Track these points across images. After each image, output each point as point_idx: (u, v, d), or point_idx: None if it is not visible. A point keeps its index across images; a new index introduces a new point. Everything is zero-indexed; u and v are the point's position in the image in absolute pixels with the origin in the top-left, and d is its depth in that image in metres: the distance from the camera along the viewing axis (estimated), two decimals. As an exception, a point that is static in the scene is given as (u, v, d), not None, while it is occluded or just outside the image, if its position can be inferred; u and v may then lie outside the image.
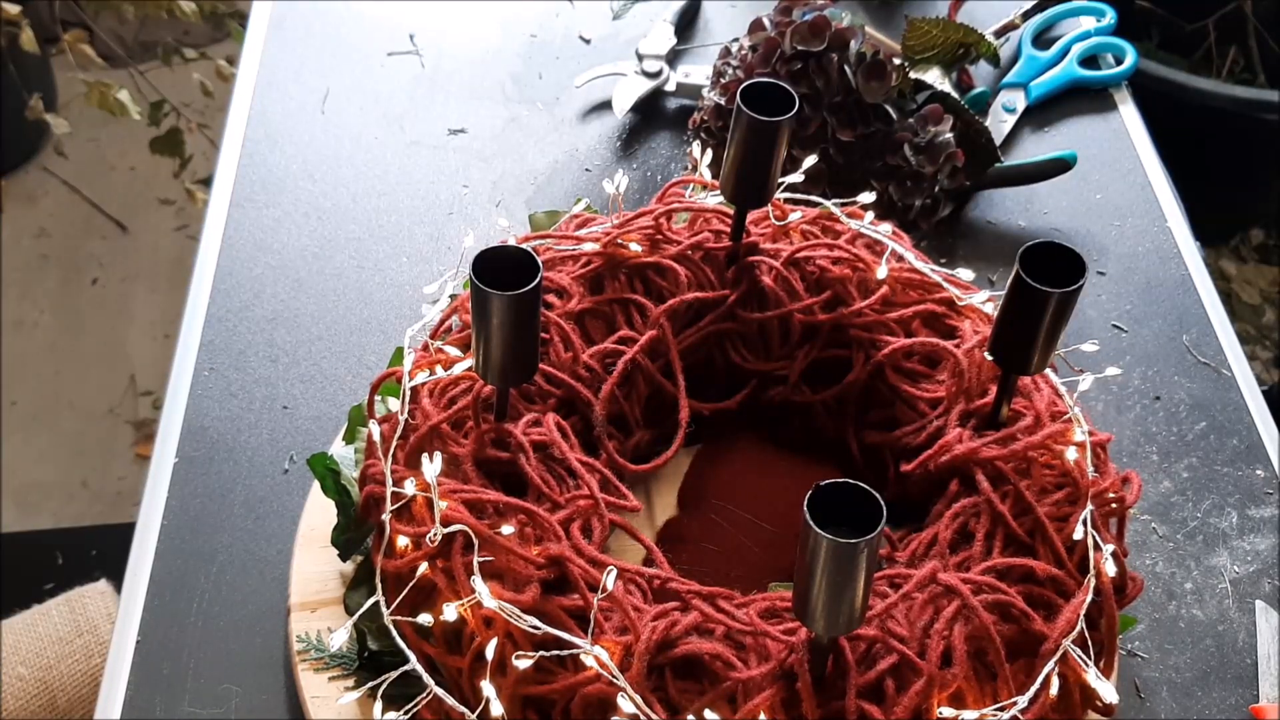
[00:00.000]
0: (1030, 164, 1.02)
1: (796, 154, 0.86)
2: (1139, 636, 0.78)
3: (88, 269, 2.12)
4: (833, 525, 0.54)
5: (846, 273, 0.79)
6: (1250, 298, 2.02)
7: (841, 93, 0.93)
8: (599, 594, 0.63)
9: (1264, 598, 0.81)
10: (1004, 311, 0.69)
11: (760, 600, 0.66)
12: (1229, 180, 1.92)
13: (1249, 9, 1.86)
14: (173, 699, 0.72)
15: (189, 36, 2.14)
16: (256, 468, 0.83)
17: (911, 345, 0.77)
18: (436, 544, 0.65)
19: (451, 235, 0.98)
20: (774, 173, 0.75)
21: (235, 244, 0.96)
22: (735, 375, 0.81)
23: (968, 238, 1.00)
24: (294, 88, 1.09)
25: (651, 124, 1.08)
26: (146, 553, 0.78)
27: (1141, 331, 0.95)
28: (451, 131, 1.07)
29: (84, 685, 1.23)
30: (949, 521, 0.70)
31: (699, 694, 0.62)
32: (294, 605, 0.74)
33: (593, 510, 0.68)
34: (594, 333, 0.77)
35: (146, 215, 2.20)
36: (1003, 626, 0.64)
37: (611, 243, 0.78)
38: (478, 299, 0.64)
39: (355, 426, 0.78)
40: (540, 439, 0.70)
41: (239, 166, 1.02)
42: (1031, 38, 1.14)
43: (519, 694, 0.63)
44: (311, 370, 0.89)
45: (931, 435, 0.74)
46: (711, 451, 0.81)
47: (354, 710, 0.69)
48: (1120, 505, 0.71)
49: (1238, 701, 0.76)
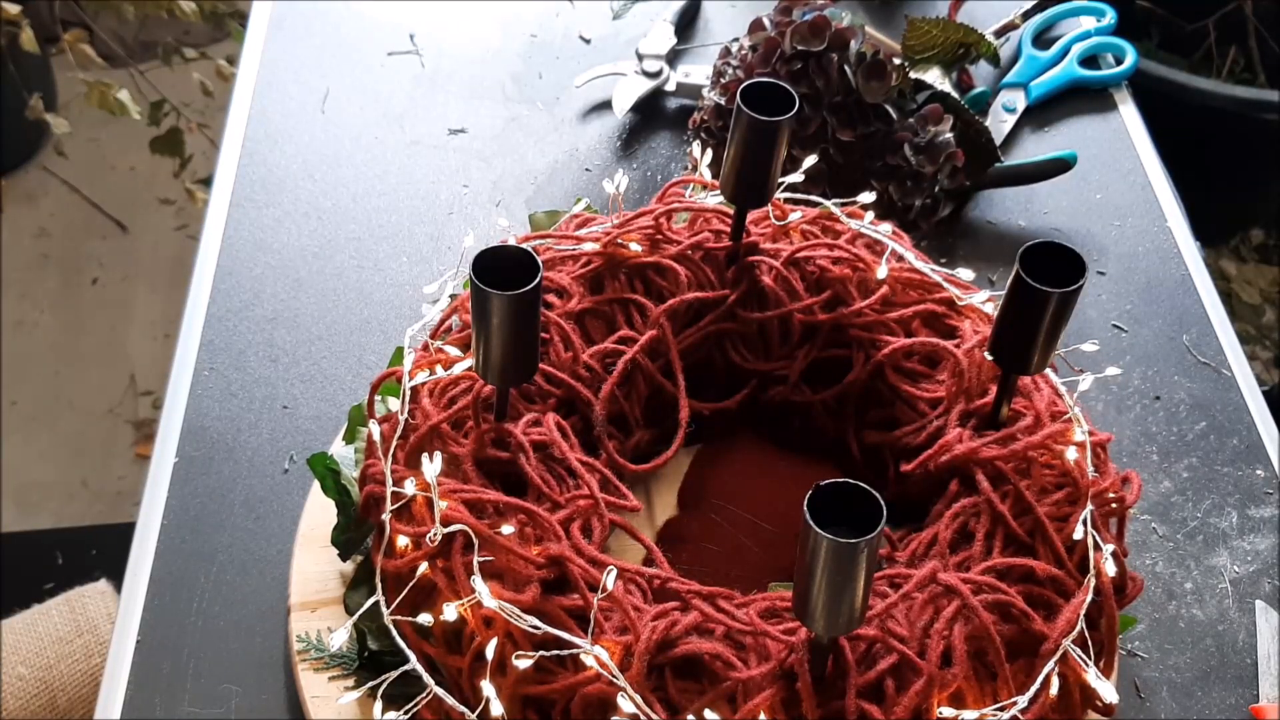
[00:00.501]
0: (1030, 164, 1.02)
1: (796, 154, 0.86)
2: (1139, 636, 0.78)
3: (88, 269, 2.12)
4: (833, 525, 0.54)
5: (846, 273, 0.79)
6: (1250, 298, 2.02)
7: (841, 93, 0.93)
8: (599, 594, 0.63)
9: (1264, 598, 0.81)
10: (1004, 311, 0.69)
11: (760, 600, 0.66)
12: (1229, 180, 1.92)
13: (1249, 9, 1.86)
14: (173, 699, 0.72)
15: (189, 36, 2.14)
16: (256, 468, 0.83)
17: (911, 345, 0.77)
18: (436, 544, 0.65)
19: (451, 235, 0.98)
20: (774, 173, 0.75)
21: (235, 244, 0.96)
22: (735, 375, 0.81)
23: (968, 238, 1.00)
24: (294, 88, 1.09)
25: (651, 124, 1.08)
26: (146, 553, 0.78)
27: (1141, 331, 0.95)
28: (451, 131, 1.07)
29: (84, 685, 1.23)
30: (949, 521, 0.70)
31: (699, 694, 0.62)
32: (294, 605, 0.74)
33: (593, 510, 0.68)
34: (594, 333, 0.77)
35: (146, 215, 2.19)
36: (1003, 626, 0.64)
37: (611, 243, 0.78)
38: (478, 299, 0.64)
39: (355, 426, 0.78)
40: (540, 439, 0.70)
41: (239, 166, 1.02)
42: (1031, 38, 1.14)
43: (519, 694, 0.63)
44: (311, 370, 0.89)
45: (931, 435, 0.74)
46: (711, 451, 0.81)
47: (354, 710, 0.69)
48: (1120, 505, 0.71)
49: (1238, 701, 0.76)
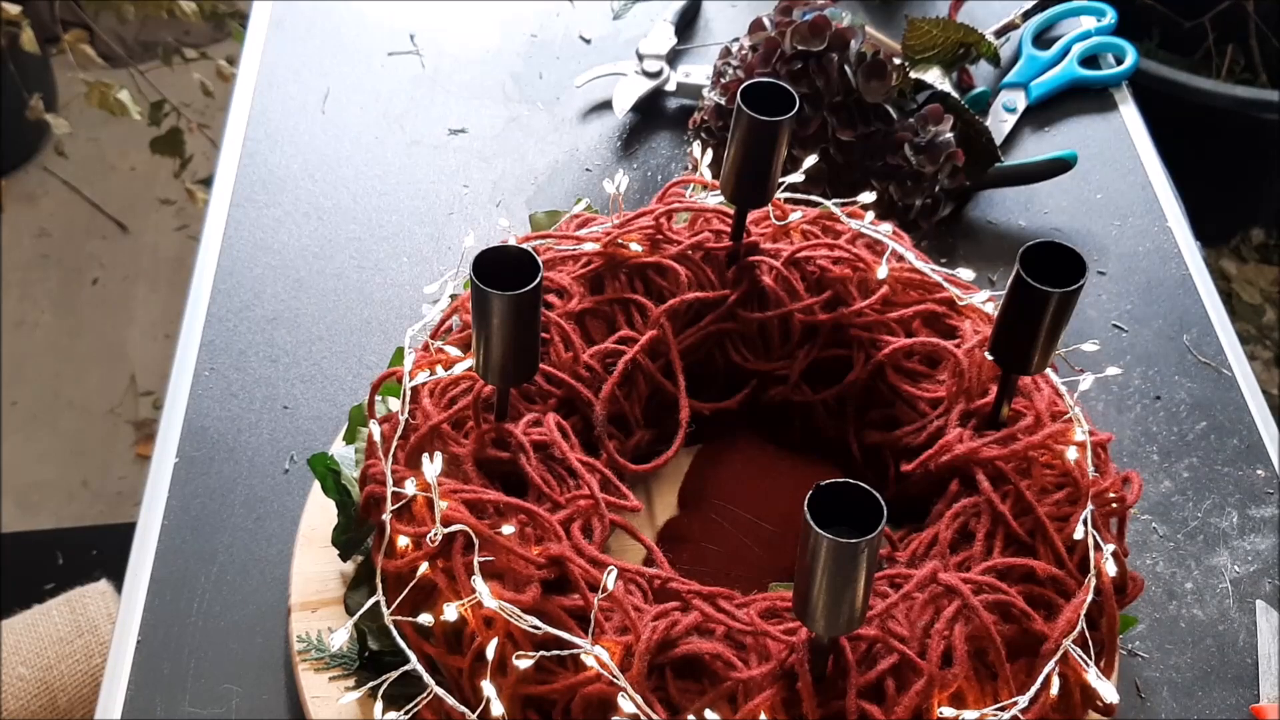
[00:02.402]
0: (1030, 164, 1.02)
1: (796, 154, 0.86)
2: (1139, 636, 0.78)
3: (88, 269, 2.12)
4: (833, 525, 0.54)
5: (847, 273, 0.79)
6: (1250, 298, 2.02)
7: (841, 93, 0.93)
8: (599, 594, 0.63)
9: (1264, 598, 0.81)
10: (1004, 311, 0.69)
11: (760, 600, 0.66)
12: (1229, 180, 1.92)
13: (1251, 7, 1.86)
14: (173, 699, 0.72)
15: (189, 36, 2.14)
16: (256, 468, 0.83)
17: (912, 345, 0.77)
18: (437, 544, 0.65)
19: (451, 235, 0.98)
20: (774, 173, 0.75)
21: (235, 244, 0.96)
22: (735, 375, 0.81)
23: (968, 238, 1.00)
24: (294, 88, 1.09)
25: (651, 124, 1.08)
26: (146, 553, 0.78)
27: (1141, 331, 0.95)
28: (451, 131, 1.07)
29: (84, 685, 1.23)
30: (949, 521, 0.70)
31: (699, 694, 0.62)
32: (294, 605, 0.74)
33: (593, 510, 0.68)
34: (594, 333, 0.77)
35: (146, 215, 2.19)
36: (1003, 626, 0.64)
37: (612, 243, 0.78)
38: (478, 299, 0.64)
39: (355, 426, 0.78)
40: (540, 439, 0.70)
41: (239, 166, 1.02)
42: (1031, 38, 1.14)
43: (519, 694, 0.63)
44: (311, 370, 0.89)
45: (932, 435, 0.74)
46: (711, 451, 0.81)
47: (354, 710, 0.69)
48: (1120, 505, 0.71)
49: (1238, 701, 0.76)
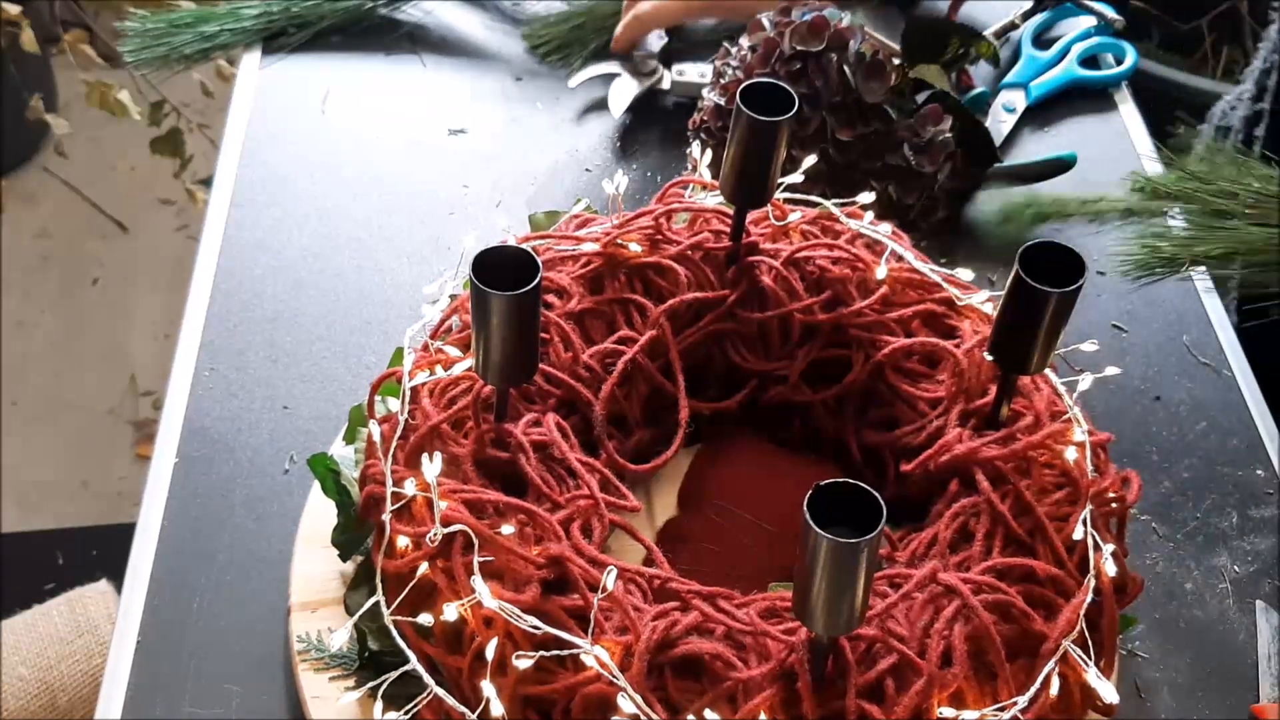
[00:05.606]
0: (1030, 164, 1.02)
1: (796, 154, 0.86)
2: (1139, 636, 0.78)
3: (88, 269, 2.13)
4: (833, 525, 0.54)
5: (846, 273, 0.79)
6: (1250, 298, 2.02)
7: (841, 92, 0.93)
8: (599, 594, 0.63)
9: (1264, 598, 0.81)
10: (1004, 311, 0.69)
11: (760, 600, 0.66)
12: (1229, 180, 1.92)
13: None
14: (173, 699, 0.72)
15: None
16: (256, 468, 0.83)
17: (911, 345, 0.77)
18: (436, 544, 0.65)
19: (451, 235, 0.98)
20: (774, 173, 0.75)
21: (235, 244, 0.96)
22: (735, 375, 0.81)
23: (968, 238, 1.00)
24: (294, 88, 1.09)
25: (651, 124, 1.08)
26: (146, 553, 0.78)
27: (1141, 331, 0.95)
28: (451, 132, 1.07)
29: (84, 685, 1.23)
30: (949, 521, 0.70)
31: (699, 694, 0.62)
32: (294, 605, 0.74)
33: (593, 510, 0.68)
34: (594, 333, 0.77)
35: (146, 215, 2.20)
36: (1003, 626, 0.64)
37: (611, 243, 0.78)
38: (478, 299, 0.64)
39: (355, 426, 0.78)
40: (540, 439, 0.70)
41: (239, 166, 1.02)
42: (1031, 38, 1.14)
43: (519, 694, 0.63)
44: (311, 370, 0.89)
45: (931, 435, 0.74)
46: (711, 451, 0.81)
47: (354, 710, 0.69)
48: (1120, 505, 0.71)
49: (1238, 701, 0.76)
